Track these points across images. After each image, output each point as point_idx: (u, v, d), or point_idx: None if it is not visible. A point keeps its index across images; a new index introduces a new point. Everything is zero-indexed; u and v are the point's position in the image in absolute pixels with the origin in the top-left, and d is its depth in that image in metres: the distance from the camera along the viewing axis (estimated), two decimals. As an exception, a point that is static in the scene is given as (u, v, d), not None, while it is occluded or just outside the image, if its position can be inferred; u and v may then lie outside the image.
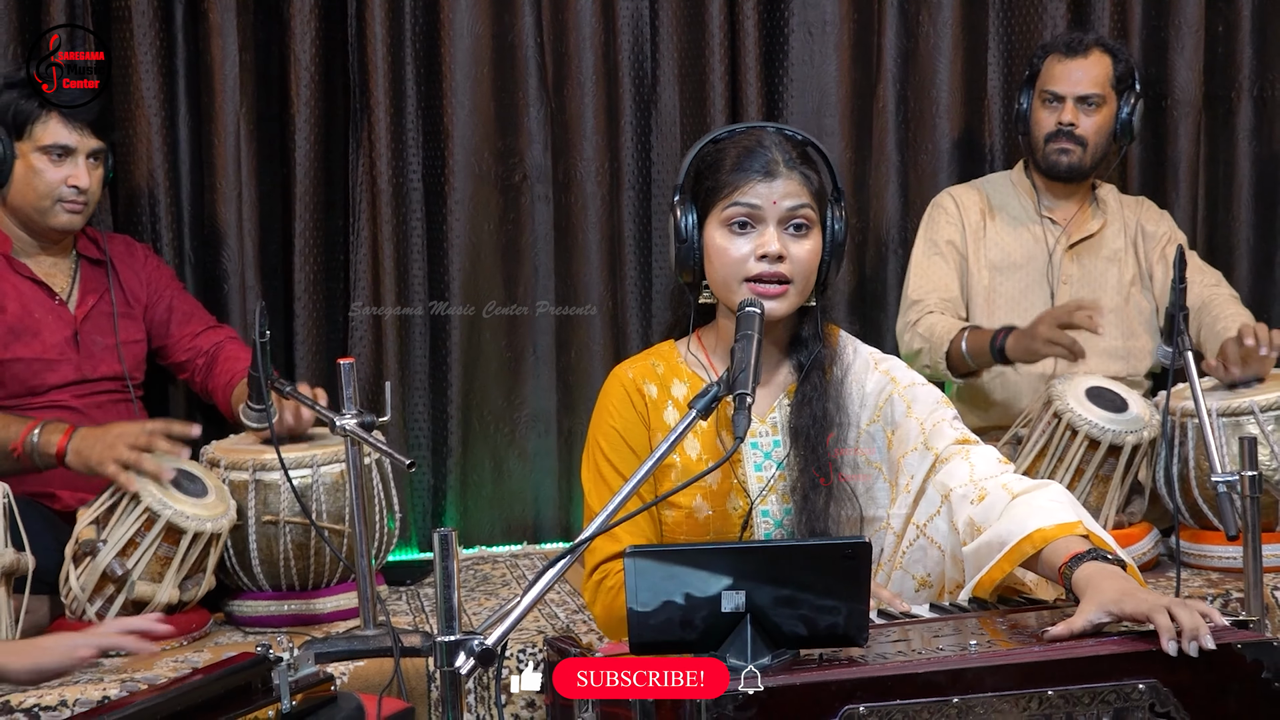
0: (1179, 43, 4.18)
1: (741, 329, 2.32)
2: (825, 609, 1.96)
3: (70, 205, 3.33)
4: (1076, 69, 3.70)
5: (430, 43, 3.93)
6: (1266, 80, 4.25)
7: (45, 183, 3.30)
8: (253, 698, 2.40)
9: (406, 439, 3.97)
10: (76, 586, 3.00)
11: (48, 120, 3.28)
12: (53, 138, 3.29)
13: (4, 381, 3.31)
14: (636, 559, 1.93)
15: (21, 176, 3.30)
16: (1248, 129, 4.26)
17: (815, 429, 2.50)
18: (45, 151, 3.29)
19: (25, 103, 3.28)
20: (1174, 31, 4.19)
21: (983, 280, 3.80)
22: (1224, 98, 4.26)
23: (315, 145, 3.86)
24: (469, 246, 3.96)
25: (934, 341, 3.60)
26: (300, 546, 3.20)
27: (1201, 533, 3.42)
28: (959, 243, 3.81)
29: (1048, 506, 2.29)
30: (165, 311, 3.57)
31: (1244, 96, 4.25)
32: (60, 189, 3.30)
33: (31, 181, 3.30)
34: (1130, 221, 3.87)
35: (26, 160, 3.29)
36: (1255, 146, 4.27)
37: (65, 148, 3.30)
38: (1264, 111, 4.26)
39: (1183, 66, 4.19)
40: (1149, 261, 3.83)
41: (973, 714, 1.91)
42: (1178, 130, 4.21)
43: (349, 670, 2.81)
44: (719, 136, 2.53)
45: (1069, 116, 3.69)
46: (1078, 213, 3.84)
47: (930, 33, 4.14)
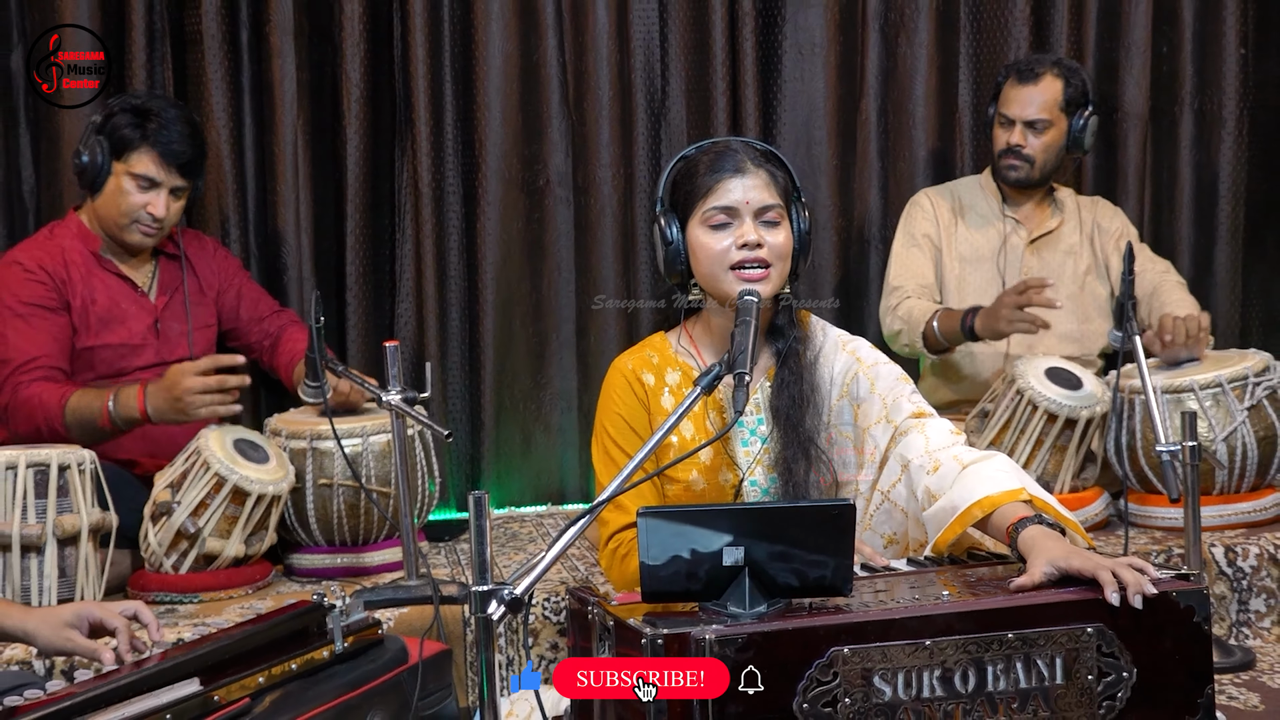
0: (1128, 62, 4.18)
1: (740, 315, 2.32)
2: (814, 563, 1.96)
3: (145, 229, 3.31)
4: (1026, 95, 3.68)
5: (465, 63, 3.92)
6: (1205, 96, 4.24)
7: (129, 204, 3.28)
8: (310, 640, 2.41)
9: (445, 413, 3.97)
10: (154, 542, 3.02)
11: (143, 153, 3.26)
12: (144, 169, 3.26)
13: (94, 364, 3.32)
14: (648, 518, 1.94)
15: (110, 192, 3.29)
16: (1189, 139, 4.25)
17: (794, 408, 2.50)
18: (135, 178, 3.27)
19: (130, 130, 3.24)
20: (1124, 52, 4.18)
21: (954, 271, 3.81)
22: (1168, 111, 4.26)
23: (364, 153, 3.86)
24: (500, 243, 3.96)
25: (911, 323, 3.61)
26: (351, 507, 3.21)
27: (1147, 496, 3.42)
28: (934, 236, 3.81)
29: (994, 476, 2.30)
30: (234, 298, 3.58)
31: (1186, 110, 4.24)
32: (140, 213, 3.29)
33: (117, 200, 3.29)
34: (1086, 219, 3.86)
35: (118, 180, 3.28)
36: (1195, 154, 4.27)
37: (153, 180, 3.27)
38: (1203, 123, 4.26)
39: (1131, 83, 4.18)
40: (1104, 253, 3.83)
41: (943, 655, 1.92)
42: (1127, 140, 4.20)
43: (394, 616, 2.83)
44: (688, 153, 2.54)
45: (1017, 138, 3.70)
46: (1037, 212, 3.84)
47: (908, 54, 4.13)
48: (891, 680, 1.90)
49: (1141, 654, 1.98)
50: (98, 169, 3.26)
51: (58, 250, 3.32)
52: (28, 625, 2.25)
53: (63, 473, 2.88)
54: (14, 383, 3.16)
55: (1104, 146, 4.20)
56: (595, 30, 3.98)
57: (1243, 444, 3.31)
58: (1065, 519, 2.27)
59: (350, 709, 2.33)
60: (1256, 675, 2.91)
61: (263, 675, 2.27)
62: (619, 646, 1.98)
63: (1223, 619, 3.15)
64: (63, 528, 2.85)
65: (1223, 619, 3.15)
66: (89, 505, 2.90)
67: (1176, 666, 2.00)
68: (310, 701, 2.28)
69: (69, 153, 3.55)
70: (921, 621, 1.93)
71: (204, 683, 2.19)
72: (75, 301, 3.30)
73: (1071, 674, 1.96)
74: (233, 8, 3.78)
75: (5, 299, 3.24)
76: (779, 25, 4.11)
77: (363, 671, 2.40)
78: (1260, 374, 3.35)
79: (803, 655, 1.88)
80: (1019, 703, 1.94)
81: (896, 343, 3.67)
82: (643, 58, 4.04)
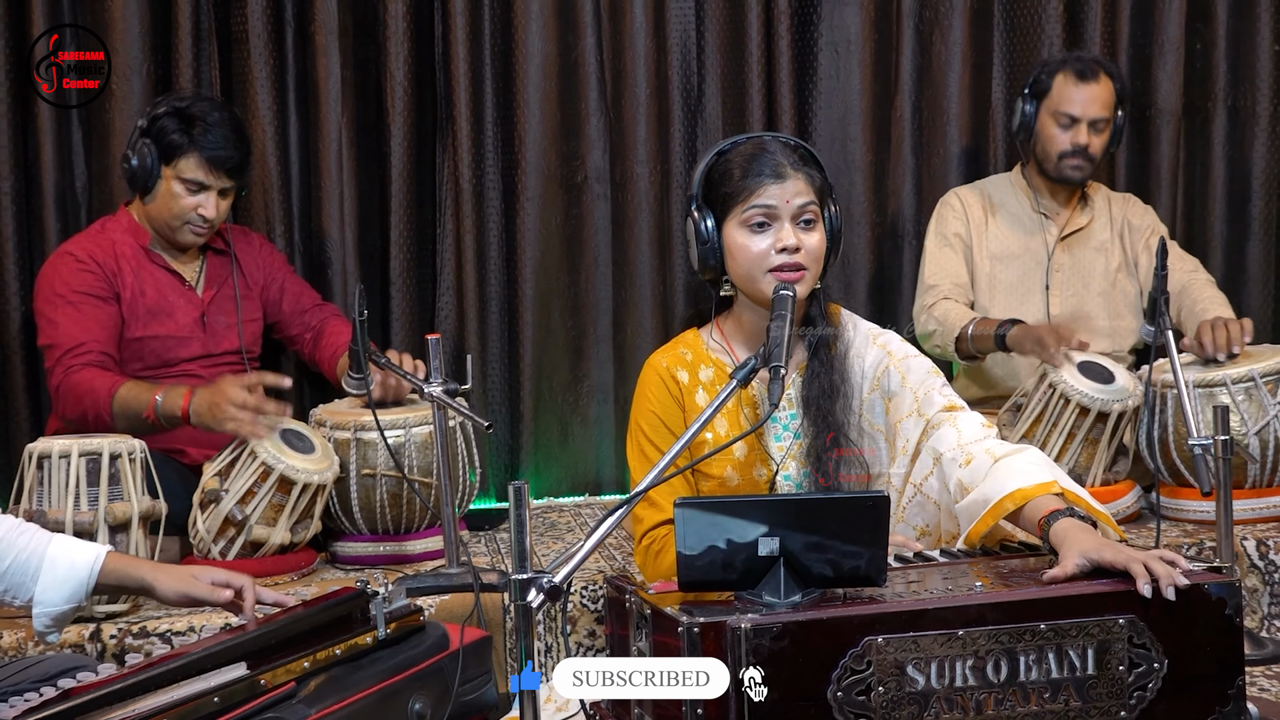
0: (1162, 59, 4.14)
1: (776, 310, 2.32)
2: (849, 553, 1.96)
3: (195, 229, 3.34)
4: (1090, 94, 3.62)
5: (505, 62, 3.93)
6: (1239, 92, 4.20)
7: (180, 206, 3.31)
8: (353, 626, 2.42)
9: (485, 404, 3.99)
10: (203, 529, 3.04)
11: (191, 158, 3.28)
12: (192, 174, 3.28)
13: (143, 355, 3.35)
14: (685, 509, 1.94)
15: (161, 195, 3.32)
16: (1222, 135, 4.21)
17: (825, 400, 2.49)
18: (184, 182, 3.29)
19: (178, 135, 3.26)
20: (1157, 49, 4.14)
21: (985, 269, 3.78)
22: (1201, 108, 4.21)
23: (407, 150, 3.87)
24: (539, 238, 3.97)
25: (946, 327, 3.58)
26: (394, 496, 3.22)
27: (1179, 490, 3.39)
28: (964, 235, 3.78)
29: (1026, 469, 2.30)
30: (278, 292, 3.60)
31: (1219, 107, 4.20)
32: (191, 215, 3.31)
33: (168, 202, 3.31)
34: (1117, 216, 3.83)
35: (168, 183, 3.30)
36: (1228, 150, 4.22)
37: (201, 184, 3.30)
38: (1236, 120, 4.21)
39: (1165, 80, 4.14)
40: (1134, 250, 3.80)
41: (976, 645, 1.92)
42: (1160, 136, 4.16)
43: (435, 603, 2.83)
44: (724, 149, 2.51)
45: (1084, 139, 3.63)
46: (1068, 209, 3.81)
47: (942, 51, 4.11)
48: (924, 669, 1.90)
49: (1173, 645, 1.97)
50: (147, 173, 3.29)
51: (109, 244, 3.36)
52: (152, 577, 2.31)
53: (114, 461, 2.90)
54: (65, 365, 3.19)
55: (1137, 143, 4.17)
56: (632, 29, 3.98)
57: (1275, 438, 3.28)
58: (1097, 512, 2.26)
59: (393, 694, 2.35)
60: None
61: (308, 660, 2.28)
62: (656, 634, 1.98)
63: (1254, 612, 3.12)
64: (114, 515, 2.88)
65: (1254, 612, 3.12)
66: (139, 493, 2.93)
67: (1208, 658, 1.99)
68: (354, 686, 2.30)
69: (119, 150, 3.58)
70: (954, 612, 1.92)
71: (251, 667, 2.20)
72: (125, 293, 3.33)
73: (1103, 664, 1.95)
74: (278, 7, 3.80)
75: (57, 287, 3.27)
76: (814, 23, 4.10)
77: (405, 657, 2.41)
78: (1292, 369, 3.33)
79: (837, 644, 1.87)
80: (1051, 693, 1.94)
81: (929, 343, 3.62)
82: (679, 56, 4.03)
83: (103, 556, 2.33)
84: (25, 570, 2.29)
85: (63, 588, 2.29)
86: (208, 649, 2.19)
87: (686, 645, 1.87)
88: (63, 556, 2.31)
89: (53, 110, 3.68)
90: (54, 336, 3.24)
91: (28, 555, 2.30)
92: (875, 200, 4.14)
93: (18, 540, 2.30)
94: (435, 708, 2.41)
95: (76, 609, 2.33)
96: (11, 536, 2.30)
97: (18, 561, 2.29)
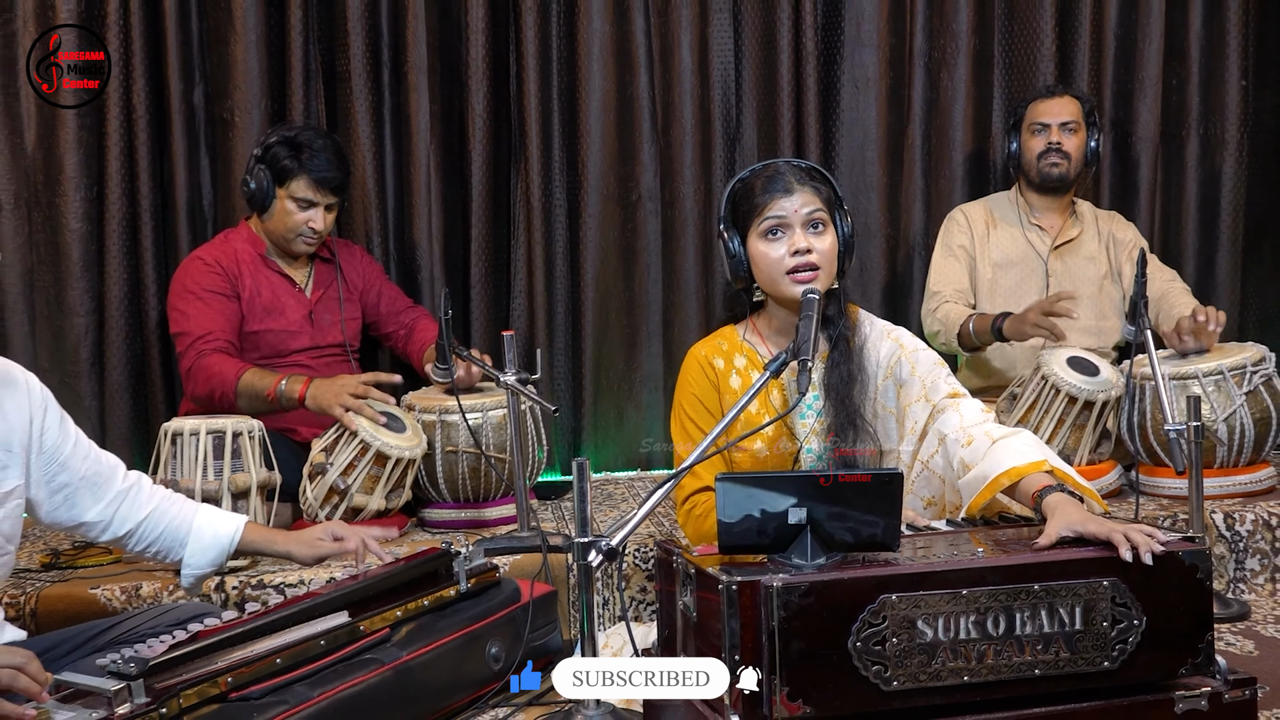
0: (1142, 93, 4.10)
1: (804, 310, 2.31)
2: (867, 523, 1.94)
3: (307, 240, 3.38)
4: (1056, 104, 3.69)
5: (570, 97, 3.93)
6: (1210, 122, 4.15)
7: (293, 222, 3.35)
8: (439, 581, 2.43)
9: (552, 391, 3.99)
10: (311, 497, 3.06)
11: (300, 180, 3.31)
12: (303, 193, 3.32)
13: (259, 345, 3.38)
14: (725, 483, 1.93)
15: (276, 212, 3.35)
16: (1195, 160, 4.17)
17: (844, 385, 2.48)
18: (295, 201, 3.33)
19: (289, 161, 3.30)
20: (1138, 84, 4.11)
21: (987, 275, 3.75)
22: (1176, 135, 4.17)
23: (486, 173, 3.88)
24: (598, 248, 3.97)
25: (948, 325, 3.57)
26: (473, 470, 3.24)
27: (1156, 469, 3.35)
28: (968, 247, 3.76)
29: (1021, 449, 2.28)
30: (376, 296, 3.62)
31: (1192, 134, 4.16)
32: (302, 228, 3.35)
33: (284, 219, 3.35)
34: (1103, 230, 3.80)
35: (281, 202, 3.34)
36: (1201, 173, 4.18)
37: (311, 201, 3.34)
38: (1207, 146, 4.17)
39: (1145, 111, 4.10)
40: (1118, 261, 3.76)
41: (977, 602, 1.90)
42: (1140, 160, 4.12)
43: (509, 562, 2.85)
44: (743, 176, 2.52)
45: (1056, 137, 3.67)
46: (1060, 222, 3.78)
47: (948, 86, 4.08)
48: (932, 624, 1.88)
49: (1150, 604, 1.95)
50: (264, 194, 3.33)
51: (231, 251, 3.39)
52: (289, 547, 2.35)
53: (236, 438, 2.93)
54: (196, 349, 3.23)
55: (1120, 166, 4.13)
56: (680, 68, 3.97)
57: (1241, 424, 3.24)
58: (1083, 488, 2.23)
59: (473, 639, 2.36)
60: (1251, 625, 2.85)
61: (400, 609, 2.30)
62: (699, 591, 1.98)
63: (1221, 576, 3.08)
64: (236, 484, 2.90)
65: (1221, 576, 3.08)
66: (257, 465, 2.95)
67: (1181, 616, 1.97)
68: (439, 632, 2.31)
69: (240, 173, 3.62)
70: (958, 574, 1.91)
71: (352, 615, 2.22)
72: (244, 293, 3.36)
73: (1089, 621, 1.93)
74: (375, 50, 3.82)
75: (188, 285, 3.32)
76: (838, 63, 4.08)
77: (483, 608, 2.43)
78: (1257, 364, 3.28)
79: (856, 601, 1.86)
80: (1043, 645, 1.92)
81: (935, 341, 3.61)
82: (720, 92, 4.02)
83: (241, 529, 2.37)
84: (175, 537, 2.33)
85: (208, 553, 2.33)
86: (315, 599, 2.21)
87: (725, 601, 1.86)
88: (208, 526, 2.34)
89: (185, 137, 3.71)
90: (185, 325, 3.28)
91: (178, 524, 2.33)
92: (889, 216, 4.11)
93: (169, 509, 2.34)
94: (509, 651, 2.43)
95: (218, 571, 2.36)
96: (164, 506, 2.34)
97: (169, 529, 2.32)
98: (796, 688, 1.83)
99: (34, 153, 3.62)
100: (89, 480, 2.25)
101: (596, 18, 3.89)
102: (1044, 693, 1.91)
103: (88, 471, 2.25)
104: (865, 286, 4.11)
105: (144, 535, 2.32)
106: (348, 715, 2.06)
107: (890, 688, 1.86)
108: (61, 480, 2.22)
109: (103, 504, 2.27)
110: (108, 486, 2.28)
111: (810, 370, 2.16)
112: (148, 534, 2.32)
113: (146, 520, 2.31)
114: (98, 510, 2.27)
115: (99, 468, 2.27)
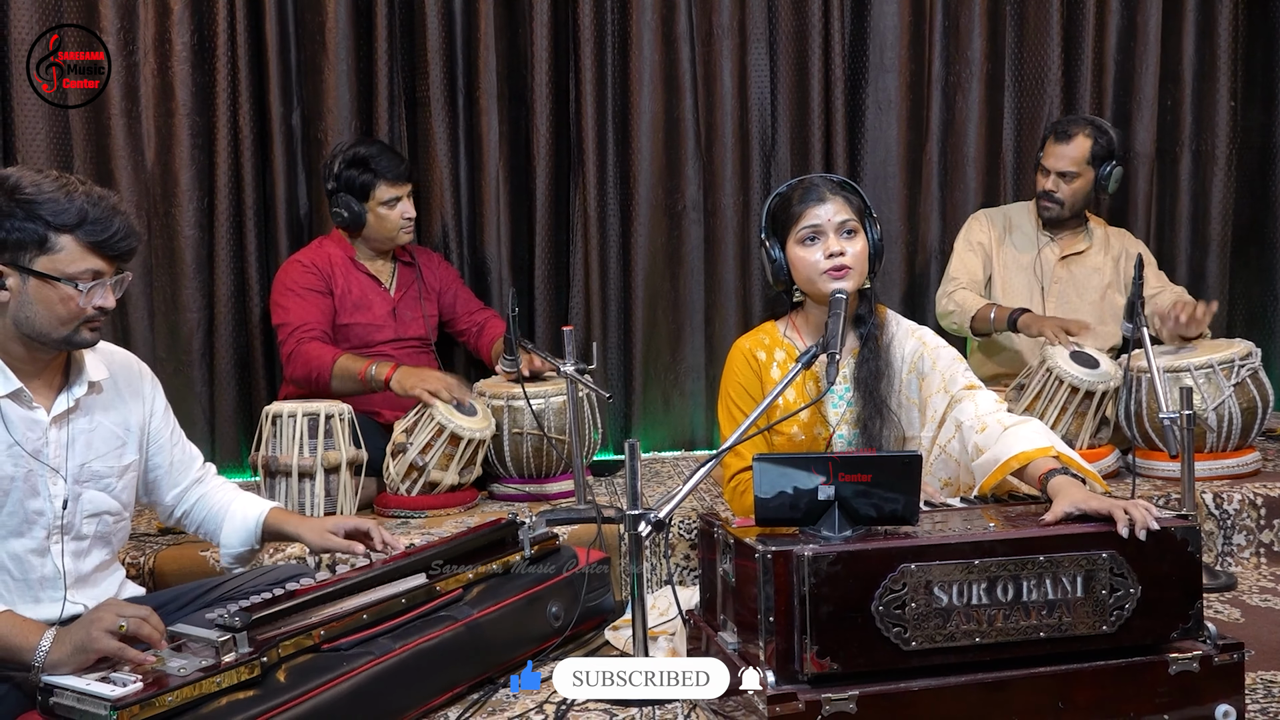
0: (1139, 113, 4.05)
1: (833, 309, 2.31)
2: (889, 499, 1.93)
3: (407, 229, 3.42)
4: (1060, 151, 3.57)
5: (623, 118, 3.92)
6: (1201, 139, 4.09)
7: (391, 222, 3.37)
8: (506, 547, 2.44)
9: (606, 380, 3.99)
10: (393, 472, 3.08)
11: (381, 185, 3.34)
12: (388, 195, 3.34)
13: (349, 337, 3.41)
14: (761, 463, 1.93)
15: (373, 223, 3.37)
16: (1188, 174, 4.11)
17: (872, 379, 2.47)
18: (385, 205, 3.35)
19: (364, 176, 3.32)
20: (1135, 105, 4.05)
21: (999, 275, 3.72)
22: (1170, 152, 4.11)
23: (548, 187, 3.88)
24: (648, 253, 3.95)
25: (964, 309, 3.57)
26: (536, 449, 3.24)
27: (1151, 453, 3.29)
28: (986, 245, 3.74)
29: (1030, 435, 2.26)
30: (451, 297, 3.63)
31: (1185, 151, 4.10)
32: (401, 221, 3.38)
33: (381, 225, 3.37)
34: (1115, 245, 3.75)
35: (374, 213, 3.36)
36: (1192, 186, 4.12)
37: (396, 198, 3.36)
38: (1199, 162, 4.10)
39: (1141, 129, 4.04)
40: (1127, 274, 3.71)
41: (988, 571, 1.88)
42: (1138, 175, 4.06)
43: (567, 531, 2.85)
44: (781, 190, 2.51)
45: (1050, 185, 3.60)
46: (1070, 235, 3.72)
47: (963, 108, 4.03)
48: (948, 590, 1.87)
49: (1145, 575, 1.92)
50: (355, 216, 3.36)
51: (325, 255, 3.42)
52: (301, 530, 2.32)
53: (328, 420, 2.96)
54: (296, 338, 3.26)
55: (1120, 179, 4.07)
56: (722, 93, 3.95)
57: (1229, 413, 3.19)
58: (1086, 470, 2.21)
59: (535, 600, 2.37)
60: (1238, 595, 2.80)
61: (472, 573, 2.31)
62: (737, 559, 1.97)
63: (1210, 550, 3.03)
64: (328, 460, 2.93)
65: (1210, 550, 3.03)
66: (347, 444, 2.98)
67: (1173, 585, 1.94)
68: (506, 593, 2.32)
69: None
70: (971, 546, 1.89)
71: (429, 577, 2.23)
72: (336, 290, 3.39)
73: (1089, 589, 1.90)
74: (451, 78, 3.83)
75: (288, 284, 3.35)
76: (863, 87, 4.04)
77: (544, 572, 2.43)
78: (1244, 358, 3.23)
79: (879, 569, 1.85)
80: (1047, 610, 1.89)
81: (946, 320, 3.62)
82: (757, 113, 4.00)
83: (265, 513, 2.34)
84: (216, 521, 2.34)
85: (238, 534, 2.32)
86: (397, 563, 2.23)
87: (761, 568, 1.85)
88: (239, 512, 2.34)
89: (284, 155, 3.73)
90: (286, 318, 3.31)
91: (219, 509, 2.34)
92: (908, 225, 4.07)
93: (215, 496, 2.35)
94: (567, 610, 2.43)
95: (252, 551, 2.35)
96: (211, 493, 2.35)
97: (211, 513, 2.34)
98: (825, 646, 1.82)
99: (153, 168, 3.66)
100: (176, 466, 2.28)
101: (647, 48, 3.88)
102: (1048, 653, 1.90)
103: (176, 458, 2.29)
104: (886, 289, 4.07)
105: (194, 518, 2.35)
106: (425, 665, 2.08)
107: (909, 647, 1.85)
108: (156, 462, 2.25)
109: (178, 489, 2.31)
110: (185, 474, 2.31)
111: (838, 363, 2.15)
112: (197, 516, 2.35)
113: (198, 504, 2.34)
114: (173, 495, 2.31)
115: (184, 457, 2.31)
